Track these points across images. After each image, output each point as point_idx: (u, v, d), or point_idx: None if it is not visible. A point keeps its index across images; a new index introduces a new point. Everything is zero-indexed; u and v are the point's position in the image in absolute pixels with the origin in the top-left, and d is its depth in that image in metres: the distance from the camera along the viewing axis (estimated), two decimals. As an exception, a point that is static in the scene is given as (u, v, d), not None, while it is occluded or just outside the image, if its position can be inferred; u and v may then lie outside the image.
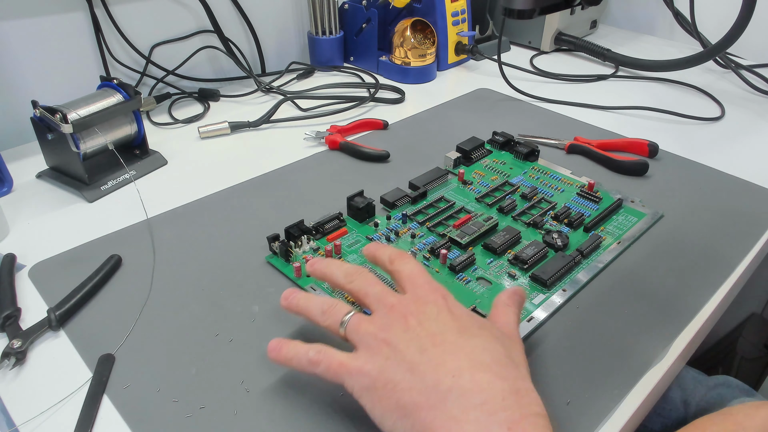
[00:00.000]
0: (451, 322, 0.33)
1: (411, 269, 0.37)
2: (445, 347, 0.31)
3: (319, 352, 0.34)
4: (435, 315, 0.33)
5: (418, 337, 0.32)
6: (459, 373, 0.30)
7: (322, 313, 0.36)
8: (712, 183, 0.62)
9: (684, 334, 0.43)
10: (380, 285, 0.36)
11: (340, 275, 0.38)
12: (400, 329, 0.33)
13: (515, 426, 0.28)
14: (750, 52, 0.95)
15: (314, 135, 0.70)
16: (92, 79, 0.73)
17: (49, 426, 0.36)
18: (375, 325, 0.33)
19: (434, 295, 0.35)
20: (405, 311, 0.33)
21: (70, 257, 0.50)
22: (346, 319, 0.35)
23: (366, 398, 0.32)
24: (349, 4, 0.92)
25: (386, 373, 0.31)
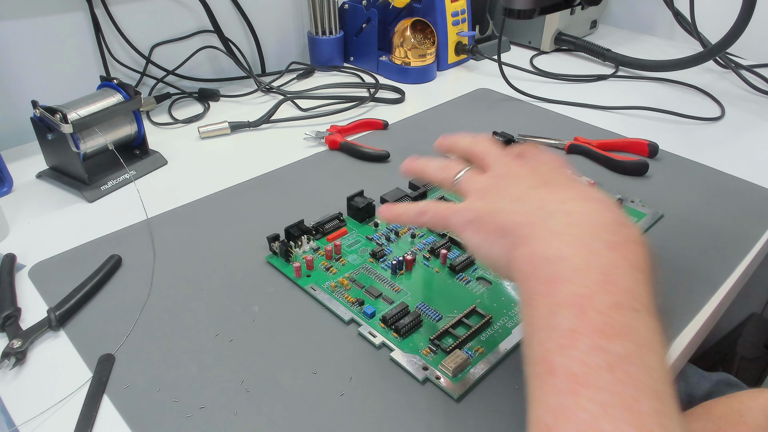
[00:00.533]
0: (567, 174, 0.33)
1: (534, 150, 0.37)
2: (556, 186, 0.32)
3: (427, 203, 0.36)
4: (550, 168, 0.34)
5: (529, 179, 0.32)
6: (567, 200, 0.30)
7: (440, 169, 0.37)
8: (712, 183, 0.62)
9: (684, 334, 0.43)
10: (501, 147, 0.37)
11: (466, 141, 0.39)
12: (512, 176, 0.33)
13: (616, 247, 0.28)
14: (750, 52, 0.95)
15: (314, 135, 0.70)
16: (92, 79, 0.73)
17: (49, 426, 0.36)
18: (488, 175, 0.34)
19: (554, 157, 0.35)
20: (522, 164, 0.34)
21: (70, 257, 0.50)
22: (461, 173, 0.36)
23: (468, 230, 0.33)
24: (349, 4, 0.92)
25: (492, 204, 0.32)
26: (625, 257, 0.28)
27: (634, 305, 0.26)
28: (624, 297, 0.26)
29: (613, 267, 0.27)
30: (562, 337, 0.25)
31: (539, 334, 0.27)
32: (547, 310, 0.27)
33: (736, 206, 0.58)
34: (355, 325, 0.43)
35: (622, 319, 0.25)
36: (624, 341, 0.24)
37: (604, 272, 0.27)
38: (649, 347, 0.25)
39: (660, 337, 0.26)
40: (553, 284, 0.27)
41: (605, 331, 0.25)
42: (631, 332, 0.25)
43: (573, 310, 0.26)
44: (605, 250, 0.28)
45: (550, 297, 0.27)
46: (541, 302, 0.27)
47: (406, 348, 0.41)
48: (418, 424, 0.36)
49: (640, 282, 0.27)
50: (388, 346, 0.41)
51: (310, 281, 0.47)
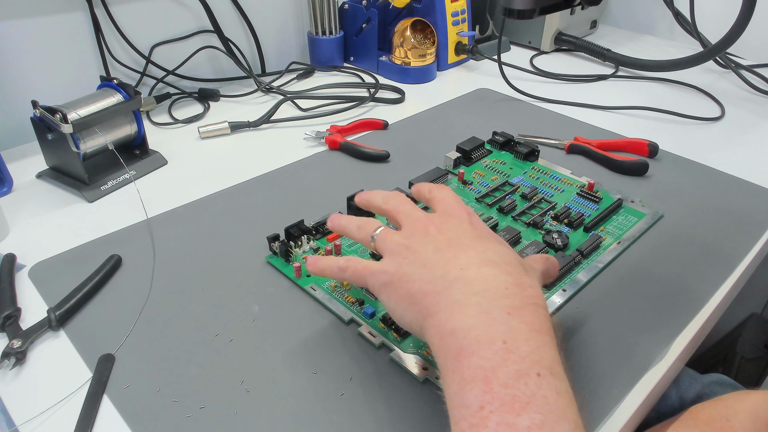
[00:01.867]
0: (470, 230, 0.35)
1: (444, 195, 0.39)
2: (459, 248, 0.33)
3: (348, 260, 0.37)
4: (456, 225, 0.35)
5: (436, 240, 0.34)
6: (467, 266, 0.32)
7: (357, 228, 0.39)
8: (712, 183, 0.62)
9: (684, 334, 0.43)
10: (412, 204, 0.38)
11: (378, 199, 0.41)
12: (421, 236, 0.35)
13: (515, 312, 0.29)
14: (750, 52, 0.95)
15: (314, 135, 0.70)
16: (92, 79, 0.73)
17: (49, 426, 0.36)
18: (400, 235, 0.36)
19: (460, 211, 0.37)
20: (429, 223, 0.36)
21: (70, 257, 0.50)
22: (376, 233, 0.37)
23: (384, 293, 0.35)
24: (349, 4, 0.92)
25: (402, 269, 0.33)
26: (523, 321, 0.29)
27: (537, 370, 0.27)
28: (526, 363, 0.27)
29: (514, 333, 0.28)
30: (472, 416, 0.26)
31: (454, 412, 0.28)
32: (458, 386, 0.28)
33: (736, 206, 0.58)
34: (355, 325, 0.43)
35: (525, 388, 0.26)
36: (531, 413, 0.25)
37: (505, 340, 0.28)
38: (558, 413, 0.26)
39: (568, 398, 0.27)
40: (460, 358, 0.29)
41: (512, 405, 0.26)
42: (538, 401, 0.26)
43: (480, 385, 0.27)
44: (504, 316, 0.29)
45: (459, 372, 0.28)
46: (451, 377, 0.29)
47: (406, 348, 0.41)
48: (418, 424, 0.36)
49: (541, 344, 0.29)
50: (388, 346, 0.41)
51: (310, 281, 0.47)
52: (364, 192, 0.42)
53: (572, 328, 0.43)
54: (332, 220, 0.41)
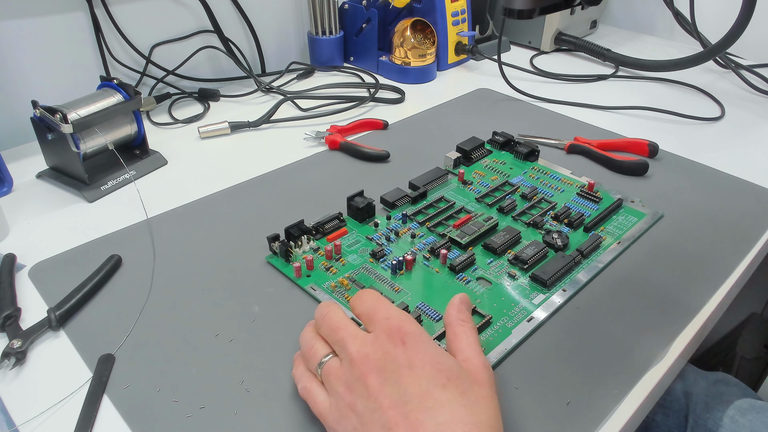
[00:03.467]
0: (412, 386, 0.31)
1: (367, 307, 0.36)
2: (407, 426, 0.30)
3: (305, 389, 0.36)
4: (395, 375, 0.32)
5: (381, 408, 0.31)
6: None
7: (304, 355, 0.37)
8: (712, 183, 0.62)
9: (684, 334, 0.43)
10: (342, 329, 0.35)
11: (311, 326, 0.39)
12: (363, 394, 0.32)
13: None
14: (750, 52, 0.95)
15: (314, 135, 0.70)
16: (92, 79, 0.73)
17: (49, 426, 0.36)
18: (341, 382, 0.34)
19: (393, 341, 0.33)
20: (365, 368, 0.33)
21: (70, 257, 0.50)
22: (323, 362, 0.35)
23: None
24: (349, 4, 0.92)
25: (341, 423, 0.32)
26: None
27: None
28: None
29: None
30: None
31: None
32: None
33: (736, 206, 0.58)
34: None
35: None
36: None
37: None
38: None
39: None
40: None
41: None
42: None
43: None
44: None
45: None
46: None
47: (406, 348, 0.41)
48: (418, 424, 0.36)
49: None
50: (388, 346, 0.41)
51: (310, 281, 0.47)
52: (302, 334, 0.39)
53: (572, 328, 0.43)
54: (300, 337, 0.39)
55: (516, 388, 0.38)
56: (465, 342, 0.35)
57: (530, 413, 0.37)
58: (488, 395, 0.32)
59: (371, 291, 0.38)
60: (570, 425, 0.36)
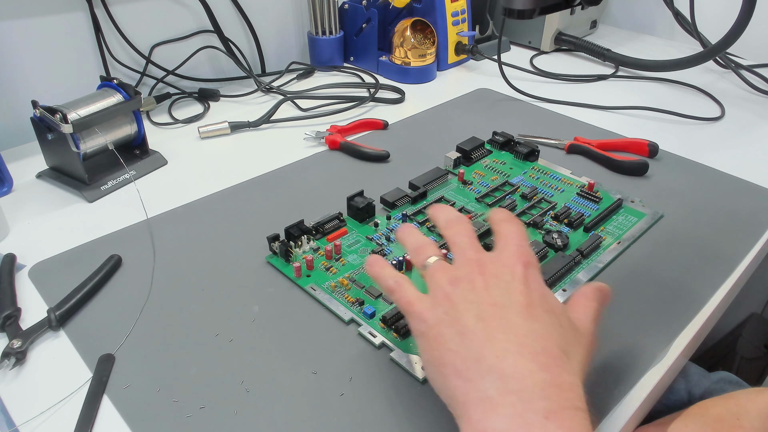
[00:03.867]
0: (518, 296, 0.32)
1: (509, 230, 0.36)
2: (501, 322, 0.31)
3: (396, 282, 0.36)
4: (507, 283, 0.32)
5: (479, 302, 0.32)
6: (504, 354, 0.29)
7: (413, 249, 0.37)
8: (712, 183, 0.62)
9: (684, 334, 0.43)
10: (470, 238, 0.36)
11: (441, 219, 0.38)
12: (466, 288, 0.33)
13: (552, 416, 0.27)
14: (750, 52, 0.95)
15: (314, 135, 0.70)
16: (92, 79, 0.73)
17: (49, 426, 0.36)
18: (447, 276, 0.34)
19: (517, 260, 0.33)
20: (479, 270, 0.33)
21: (70, 257, 0.50)
22: (429, 262, 0.35)
23: (419, 341, 0.33)
24: (349, 4, 0.92)
25: (440, 327, 0.32)
26: (562, 426, 0.27)
27: None
28: None
29: None
30: None
31: None
32: None
33: (736, 206, 0.58)
34: (355, 325, 0.43)
35: None
36: None
37: None
38: None
39: None
40: None
41: None
42: None
43: None
44: (541, 420, 0.27)
45: None
46: None
47: (406, 348, 0.41)
48: (418, 424, 0.36)
49: None
50: (388, 346, 0.41)
51: (310, 281, 0.47)
52: (436, 205, 0.40)
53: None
54: (401, 231, 0.39)
55: (516, 388, 0.38)
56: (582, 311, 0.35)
57: (530, 413, 0.37)
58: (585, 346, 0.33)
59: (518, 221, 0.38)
60: (570, 425, 0.36)
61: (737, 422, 0.42)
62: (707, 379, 0.57)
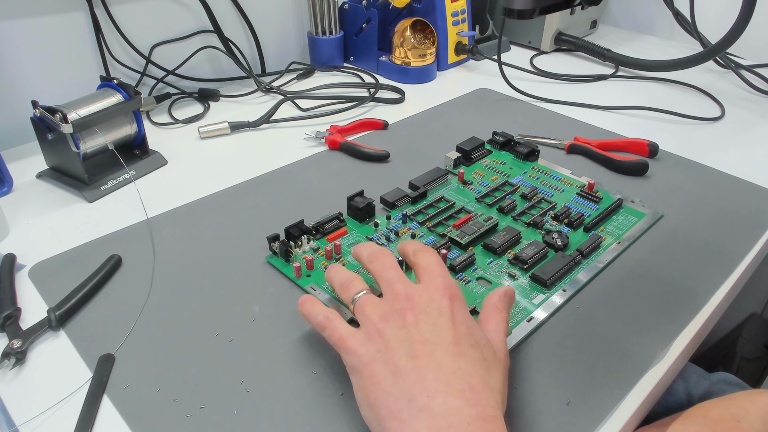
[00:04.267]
0: (446, 332, 0.33)
1: (429, 262, 0.38)
2: (430, 361, 0.32)
3: (327, 319, 0.37)
4: (434, 318, 0.34)
5: (411, 339, 0.33)
6: (434, 394, 0.31)
7: (340, 286, 0.39)
8: (712, 183, 0.62)
9: (684, 334, 0.43)
10: (396, 271, 0.37)
11: (364, 255, 0.40)
12: (396, 324, 0.34)
13: None
14: (750, 52, 0.95)
15: (314, 135, 0.70)
16: (92, 79, 0.73)
17: (49, 426, 0.36)
18: (377, 312, 0.35)
19: (442, 294, 0.35)
20: (407, 305, 0.35)
21: (70, 257, 0.50)
22: (357, 297, 0.37)
23: (353, 378, 0.35)
24: (349, 4, 0.92)
25: (373, 366, 0.33)
26: None
27: None
28: None
29: None
30: None
31: None
32: None
33: (736, 206, 0.58)
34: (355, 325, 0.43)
35: None
36: None
37: None
38: None
39: None
40: None
41: None
42: None
43: None
44: None
45: None
46: None
47: (406, 348, 0.41)
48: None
49: None
50: (388, 346, 0.41)
51: (310, 281, 0.47)
52: (357, 245, 0.42)
53: (572, 328, 0.43)
54: (327, 272, 0.41)
55: (516, 388, 0.38)
56: (494, 326, 0.37)
57: (530, 413, 0.37)
58: (503, 372, 0.34)
59: (433, 251, 0.40)
60: (570, 425, 0.36)
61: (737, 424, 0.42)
62: (707, 380, 0.57)
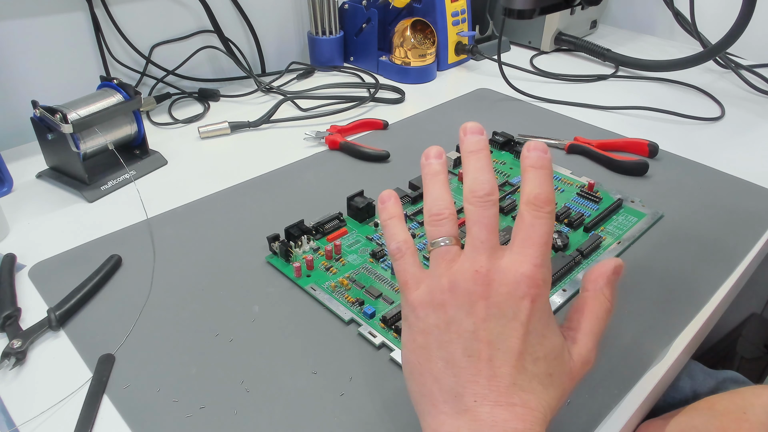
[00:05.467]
0: (514, 341, 0.29)
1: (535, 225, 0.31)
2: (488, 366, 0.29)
3: (399, 251, 0.33)
4: (506, 320, 0.30)
5: (474, 335, 0.30)
6: (482, 401, 0.29)
7: (429, 215, 0.33)
8: (712, 183, 0.62)
9: (684, 334, 0.43)
10: (492, 233, 0.31)
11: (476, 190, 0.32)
12: (464, 307, 0.30)
13: None
14: (750, 52, 0.95)
15: (314, 135, 0.70)
16: (92, 79, 0.73)
17: (49, 426, 0.36)
18: (449, 273, 0.31)
19: (525, 291, 0.30)
20: (483, 291, 0.30)
21: (70, 257, 0.50)
22: (439, 241, 0.32)
23: (405, 333, 0.32)
24: (349, 4, 0.92)
25: (428, 338, 0.30)
26: None
27: None
28: None
29: None
30: None
31: None
32: None
33: (736, 206, 0.58)
34: (355, 325, 0.43)
35: None
36: None
37: None
38: None
39: None
40: None
41: None
42: None
43: None
44: None
45: None
46: None
47: (406, 348, 0.41)
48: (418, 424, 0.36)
49: None
50: (388, 346, 0.41)
51: (310, 281, 0.47)
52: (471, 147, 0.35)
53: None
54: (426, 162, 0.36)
55: (516, 388, 0.38)
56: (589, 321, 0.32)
57: (530, 413, 0.37)
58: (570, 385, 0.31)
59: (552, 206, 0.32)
60: (570, 425, 0.36)
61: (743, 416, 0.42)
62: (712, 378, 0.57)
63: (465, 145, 0.35)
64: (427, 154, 0.36)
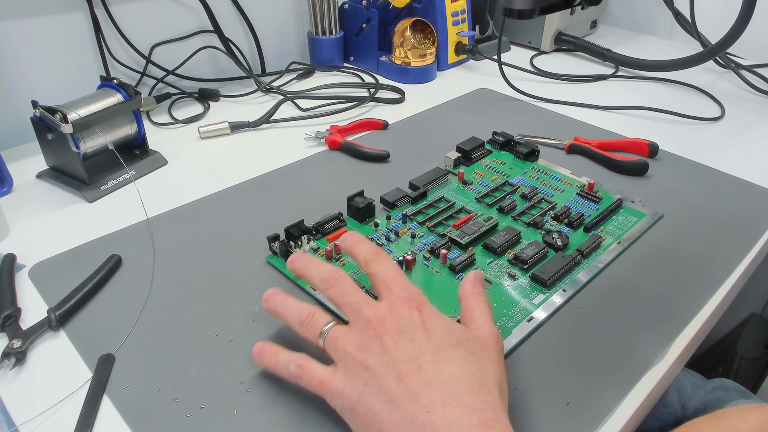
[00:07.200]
0: (426, 343, 0.33)
1: (385, 272, 0.37)
2: (420, 377, 0.31)
3: (299, 367, 0.35)
4: (410, 334, 0.33)
5: (395, 362, 0.32)
6: (432, 408, 0.30)
7: (299, 324, 0.37)
8: (712, 183, 0.62)
9: (684, 334, 0.43)
10: (356, 294, 0.36)
11: (317, 279, 0.38)
12: (376, 351, 0.33)
13: None
14: (750, 52, 0.95)
15: (314, 135, 0.70)
16: (92, 79, 0.73)
17: (49, 426, 0.36)
18: (352, 344, 0.34)
19: (410, 308, 0.34)
20: (380, 329, 0.34)
21: (70, 257, 0.50)
22: (325, 330, 0.35)
23: (349, 419, 0.33)
24: (349, 4, 0.92)
25: (366, 401, 0.32)
26: None
27: None
28: None
29: None
30: None
31: None
32: None
33: (735, 206, 0.58)
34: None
35: None
36: None
37: None
38: None
39: None
40: None
41: None
42: None
43: None
44: None
45: None
46: None
47: (406, 348, 0.41)
48: (418, 424, 0.36)
49: None
50: (388, 346, 0.41)
51: (310, 281, 0.47)
52: (298, 258, 0.39)
53: (572, 328, 0.43)
54: (267, 302, 0.38)
55: (516, 388, 0.38)
56: (478, 312, 0.37)
57: (530, 413, 0.37)
58: (496, 359, 0.34)
59: (389, 257, 0.38)
60: (570, 425, 0.36)
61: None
62: (702, 389, 0.57)
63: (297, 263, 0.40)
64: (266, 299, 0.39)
